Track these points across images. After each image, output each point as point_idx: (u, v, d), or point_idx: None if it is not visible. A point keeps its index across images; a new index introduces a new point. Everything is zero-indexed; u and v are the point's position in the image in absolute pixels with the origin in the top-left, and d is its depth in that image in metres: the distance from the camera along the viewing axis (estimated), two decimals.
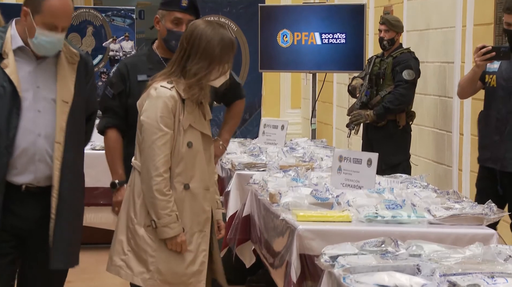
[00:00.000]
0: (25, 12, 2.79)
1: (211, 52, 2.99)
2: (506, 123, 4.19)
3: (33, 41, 2.78)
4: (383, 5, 6.97)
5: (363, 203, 3.26)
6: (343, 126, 6.97)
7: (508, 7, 4.16)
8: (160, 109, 2.94)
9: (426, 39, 6.01)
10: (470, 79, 4.34)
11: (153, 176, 2.92)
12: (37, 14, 2.77)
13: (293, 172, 3.86)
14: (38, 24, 2.77)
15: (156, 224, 2.94)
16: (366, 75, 5.86)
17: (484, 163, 4.35)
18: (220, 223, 3.17)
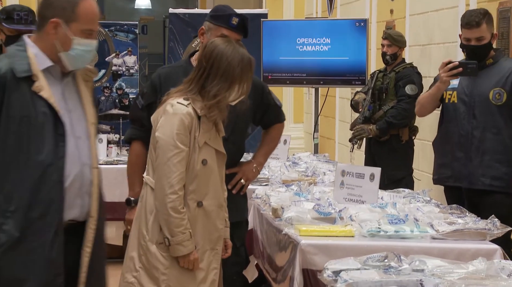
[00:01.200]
0: (55, 24, 2.51)
1: (232, 73, 2.97)
2: (471, 139, 4.12)
3: (70, 53, 2.53)
4: (385, 20, 7.00)
5: (365, 217, 3.26)
6: (345, 141, 6.97)
7: (467, 22, 4.12)
8: (176, 126, 2.91)
9: (428, 54, 6.02)
10: (432, 95, 4.25)
11: (168, 193, 2.88)
12: (72, 23, 2.52)
13: (296, 187, 3.86)
14: (75, 33, 2.52)
15: (170, 241, 2.90)
16: (369, 90, 5.87)
17: (445, 182, 4.26)
18: (227, 242, 3.13)
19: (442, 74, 4.12)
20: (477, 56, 4.14)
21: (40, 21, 2.56)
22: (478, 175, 4.10)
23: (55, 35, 2.53)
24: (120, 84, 7.89)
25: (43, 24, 2.54)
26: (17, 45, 2.55)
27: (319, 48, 6.68)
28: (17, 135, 2.47)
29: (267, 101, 3.58)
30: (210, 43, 3.03)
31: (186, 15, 7.31)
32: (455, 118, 4.20)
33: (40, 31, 2.56)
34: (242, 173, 3.49)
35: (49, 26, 2.52)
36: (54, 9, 2.52)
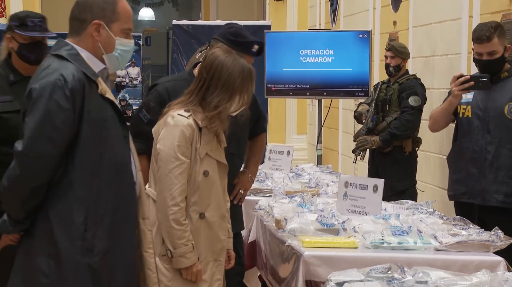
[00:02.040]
0: (97, 26, 2.47)
1: (232, 83, 2.97)
2: (485, 154, 4.04)
3: (113, 55, 2.51)
4: (388, 31, 7.01)
5: (369, 229, 3.25)
6: (349, 152, 6.97)
7: (478, 37, 4.05)
8: (177, 137, 2.90)
9: (431, 66, 6.03)
10: (445, 110, 4.20)
11: (170, 205, 2.88)
12: (113, 23, 2.48)
13: (299, 198, 3.85)
14: (116, 33, 2.49)
15: (172, 254, 2.89)
16: (372, 101, 5.87)
17: (459, 198, 4.18)
18: (230, 253, 3.13)
19: (454, 88, 4.07)
20: (490, 70, 4.07)
21: (78, 25, 2.50)
22: (492, 192, 4.02)
23: (98, 37, 2.48)
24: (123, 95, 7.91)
25: (83, 27, 2.48)
26: (67, 50, 2.47)
27: (322, 60, 6.69)
28: (98, 139, 2.44)
29: (259, 113, 3.69)
30: (211, 54, 3.03)
31: (189, 26, 7.33)
32: (469, 133, 4.12)
33: (79, 35, 2.50)
34: (240, 183, 3.53)
35: (91, 28, 2.47)
36: (93, 11, 2.48)
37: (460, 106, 4.17)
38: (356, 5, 7.95)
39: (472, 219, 3.72)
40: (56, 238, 2.39)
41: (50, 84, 2.37)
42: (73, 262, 2.40)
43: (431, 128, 4.47)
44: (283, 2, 10.10)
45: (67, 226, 2.40)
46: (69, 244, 2.39)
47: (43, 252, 2.40)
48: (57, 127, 2.36)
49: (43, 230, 2.41)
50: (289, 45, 6.83)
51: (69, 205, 2.40)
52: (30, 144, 2.34)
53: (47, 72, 2.41)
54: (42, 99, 2.36)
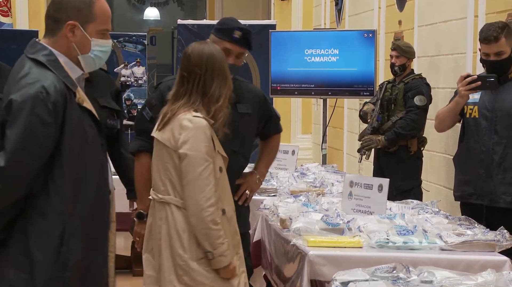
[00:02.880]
0: (71, 27, 2.39)
1: (224, 69, 3.02)
2: (492, 155, 4.01)
3: (89, 55, 2.44)
4: (393, 31, 7.00)
5: (374, 228, 3.25)
6: (354, 152, 6.96)
7: (485, 37, 4.02)
8: (202, 139, 2.92)
9: (437, 65, 6.02)
10: (451, 110, 4.17)
11: (205, 207, 2.88)
12: (89, 24, 2.41)
13: (304, 198, 3.85)
14: (92, 34, 2.42)
15: (214, 255, 2.90)
16: (378, 101, 5.86)
17: (467, 199, 4.16)
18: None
19: (461, 88, 4.04)
20: (497, 71, 4.04)
21: (52, 24, 2.43)
22: (500, 193, 3.99)
23: (72, 38, 2.42)
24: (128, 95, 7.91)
25: (58, 27, 2.42)
26: (45, 56, 2.40)
27: (327, 59, 6.69)
28: (78, 151, 2.39)
29: (269, 113, 3.61)
30: (191, 51, 3.03)
31: (194, 26, 7.34)
32: (476, 133, 4.10)
33: (54, 35, 2.43)
34: (247, 184, 3.50)
35: (65, 29, 2.41)
36: (69, 11, 2.41)
37: (467, 106, 4.15)
38: (361, 4, 7.94)
39: (480, 220, 3.71)
40: (31, 250, 2.33)
41: (31, 97, 2.29)
42: (46, 275, 2.34)
43: (437, 128, 4.45)
44: (288, 2, 10.10)
45: (43, 239, 2.34)
46: (44, 257, 2.34)
47: (15, 264, 2.35)
48: (39, 142, 2.30)
49: (18, 241, 2.36)
50: (294, 45, 6.82)
51: (47, 218, 2.35)
52: (12, 159, 2.27)
53: (26, 82, 2.32)
54: (23, 112, 2.28)
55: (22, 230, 2.36)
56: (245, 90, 3.48)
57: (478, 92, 4.10)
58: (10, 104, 2.31)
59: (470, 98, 4.12)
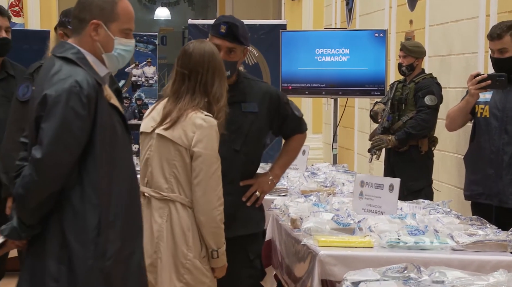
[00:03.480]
0: (95, 26, 2.47)
1: (222, 67, 3.04)
2: (502, 155, 4.00)
3: (112, 54, 2.50)
4: (404, 30, 6.98)
5: (385, 228, 3.24)
6: (364, 151, 6.95)
7: (490, 34, 4.08)
8: (215, 139, 2.94)
9: (448, 65, 6.00)
10: (461, 109, 4.17)
11: (217, 206, 2.90)
12: (112, 23, 2.48)
13: (315, 197, 3.84)
14: (115, 33, 2.49)
15: (218, 253, 2.92)
16: (388, 101, 5.85)
17: (476, 199, 4.14)
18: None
19: (471, 87, 4.04)
20: (501, 68, 4.06)
21: (77, 24, 2.51)
22: (509, 193, 3.97)
23: (96, 36, 2.48)
24: (139, 95, 7.92)
25: (82, 27, 2.49)
26: (74, 54, 2.47)
27: (338, 59, 6.68)
28: (109, 144, 2.45)
29: (284, 112, 3.54)
30: (193, 50, 3.03)
31: (205, 25, 7.34)
32: (486, 133, 4.09)
33: (79, 35, 2.50)
34: (257, 185, 3.47)
35: (89, 28, 2.47)
36: (92, 11, 2.48)
37: (478, 105, 4.14)
38: (372, 4, 7.93)
39: (489, 220, 3.69)
40: (69, 242, 2.38)
41: (65, 91, 2.36)
42: (85, 266, 2.39)
43: (448, 127, 4.44)
44: (299, 1, 10.09)
45: (80, 231, 2.40)
46: (82, 248, 2.39)
47: (54, 256, 2.40)
48: (74, 134, 2.36)
49: (55, 234, 2.41)
50: (305, 44, 6.81)
51: (83, 210, 2.40)
52: (49, 151, 2.34)
53: (59, 78, 2.39)
54: (59, 106, 2.35)
55: (58, 223, 2.41)
56: (255, 89, 3.46)
57: (490, 92, 4.09)
58: (45, 99, 2.37)
59: (482, 98, 4.11)
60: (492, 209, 4.05)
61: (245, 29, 3.41)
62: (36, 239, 2.44)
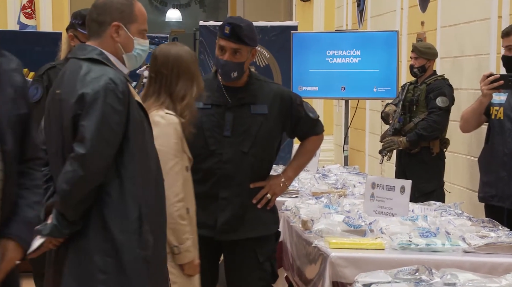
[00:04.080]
0: (116, 28, 2.57)
1: (190, 69, 3.07)
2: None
3: (132, 54, 2.61)
4: (416, 32, 6.96)
5: (396, 230, 3.23)
6: (375, 153, 6.93)
7: (502, 31, 4.10)
8: (172, 136, 2.96)
9: (460, 66, 5.98)
10: (475, 110, 4.14)
11: (174, 202, 2.91)
12: (131, 24, 2.59)
13: (326, 199, 3.84)
14: (134, 34, 2.60)
15: (180, 249, 2.93)
16: (400, 102, 5.84)
17: (489, 201, 4.12)
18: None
19: (483, 87, 4.02)
20: (509, 66, 4.06)
21: (97, 27, 2.59)
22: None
23: (118, 38, 2.58)
24: None
25: (103, 29, 2.58)
26: (98, 55, 2.56)
27: (349, 60, 6.67)
28: (141, 138, 2.55)
29: (297, 113, 3.49)
30: (159, 52, 3.10)
31: (216, 27, 7.34)
32: (500, 135, 4.06)
33: (100, 37, 2.59)
34: (268, 187, 3.44)
35: (111, 30, 2.57)
36: (112, 13, 2.58)
37: (493, 107, 4.12)
38: (383, 5, 7.91)
39: (502, 222, 3.66)
40: (113, 235, 2.46)
41: (102, 88, 2.46)
42: (132, 256, 2.48)
43: (462, 129, 4.42)
44: (310, 3, 10.08)
45: (123, 222, 2.48)
46: (127, 239, 2.47)
47: (99, 249, 2.47)
48: (113, 129, 2.46)
49: (97, 228, 2.48)
50: (316, 46, 6.81)
51: (123, 202, 2.49)
52: (92, 146, 2.42)
53: (92, 77, 2.49)
54: (97, 102, 2.44)
55: (99, 217, 2.48)
56: (265, 90, 3.44)
57: (505, 94, 4.07)
58: (82, 98, 2.45)
59: (497, 99, 4.10)
60: (504, 211, 4.03)
61: (251, 29, 3.38)
62: (77, 234, 2.49)
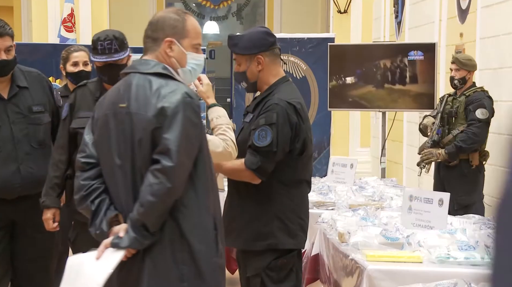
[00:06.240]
0: (169, 43, 2.63)
1: None
2: None
3: (187, 69, 2.67)
4: (455, 43, 6.90)
5: (434, 243, 3.19)
6: (413, 165, 6.87)
7: None
8: None
9: (499, 78, 5.91)
10: None
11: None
12: (184, 39, 2.64)
13: (363, 211, 3.81)
14: (187, 48, 2.65)
15: None
16: (438, 114, 5.79)
17: None
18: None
19: None
20: None
21: (151, 44, 2.65)
22: None
23: (171, 53, 2.63)
24: None
25: (157, 45, 2.64)
26: (164, 69, 2.61)
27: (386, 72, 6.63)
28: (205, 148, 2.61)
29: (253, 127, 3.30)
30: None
31: None
32: None
33: (154, 52, 2.64)
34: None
35: (164, 45, 2.62)
36: (165, 29, 2.63)
37: None
38: (421, 17, 7.86)
39: None
40: (191, 244, 2.52)
41: (180, 102, 2.51)
42: (210, 265, 2.55)
43: None
44: (347, 15, 10.07)
45: (202, 233, 2.55)
46: (205, 248, 2.54)
47: (176, 259, 2.52)
48: (192, 142, 2.53)
49: (174, 238, 2.52)
50: (353, 58, 6.79)
51: (200, 213, 2.54)
52: (178, 158, 2.47)
53: (167, 91, 2.54)
54: (178, 116, 2.50)
55: (176, 227, 2.53)
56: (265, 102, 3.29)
57: None
58: (163, 111, 2.50)
59: None
60: None
61: (243, 38, 3.34)
62: (153, 245, 2.53)
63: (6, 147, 3.79)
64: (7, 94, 3.84)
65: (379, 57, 6.66)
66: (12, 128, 3.81)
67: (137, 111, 2.54)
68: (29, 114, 3.84)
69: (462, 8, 6.75)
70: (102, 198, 2.59)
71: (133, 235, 2.49)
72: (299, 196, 3.28)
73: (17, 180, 3.78)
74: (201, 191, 2.55)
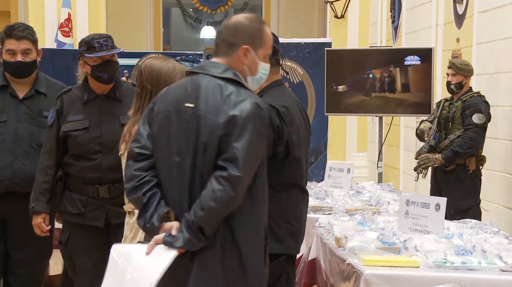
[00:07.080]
0: (245, 51, 2.62)
1: (167, 82, 3.05)
2: None
3: (256, 77, 2.67)
4: (451, 48, 6.92)
5: (431, 248, 3.20)
6: (410, 170, 6.88)
7: None
8: None
9: (496, 83, 5.92)
10: None
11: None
12: (260, 49, 2.64)
13: (360, 216, 3.82)
14: (260, 58, 2.65)
15: None
16: (435, 119, 5.80)
17: None
18: None
19: None
20: None
21: (226, 48, 2.63)
22: None
23: (245, 60, 2.62)
24: None
25: (232, 50, 2.62)
26: (235, 75, 2.59)
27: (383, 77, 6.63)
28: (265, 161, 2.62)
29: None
30: (144, 67, 3.14)
31: None
32: None
33: (229, 57, 2.63)
34: None
35: (240, 52, 2.61)
36: (243, 36, 2.62)
37: None
38: (418, 22, 7.88)
39: None
40: (241, 251, 2.53)
41: (251, 112, 2.51)
42: (258, 273, 2.58)
43: None
44: (344, 20, 10.08)
45: (253, 242, 2.57)
46: (255, 257, 2.56)
47: (224, 264, 2.53)
48: (258, 153, 2.54)
49: (226, 244, 2.53)
50: (350, 62, 6.79)
51: (255, 222, 2.57)
52: (244, 168, 2.48)
53: (237, 99, 2.53)
54: (248, 126, 2.50)
55: (229, 232, 2.54)
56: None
57: None
58: (234, 119, 2.50)
59: None
60: None
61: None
62: (205, 248, 2.53)
63: (6, 142, 3.90)
64: (23, 95, 3.97)
65: (376, 62, 6.67)
66: (17, 126, 3.92)
67: (205, 114, 2.53)
68: (37, 117, 3.94)
69: (459, 13, 6.77)
70: (154, 191, 2.57)
71: (187, 236, 2.48)
72: (288, 201, 3.21)
73: (7, 174, 3.87)
74: (258, 200, 2.56)
